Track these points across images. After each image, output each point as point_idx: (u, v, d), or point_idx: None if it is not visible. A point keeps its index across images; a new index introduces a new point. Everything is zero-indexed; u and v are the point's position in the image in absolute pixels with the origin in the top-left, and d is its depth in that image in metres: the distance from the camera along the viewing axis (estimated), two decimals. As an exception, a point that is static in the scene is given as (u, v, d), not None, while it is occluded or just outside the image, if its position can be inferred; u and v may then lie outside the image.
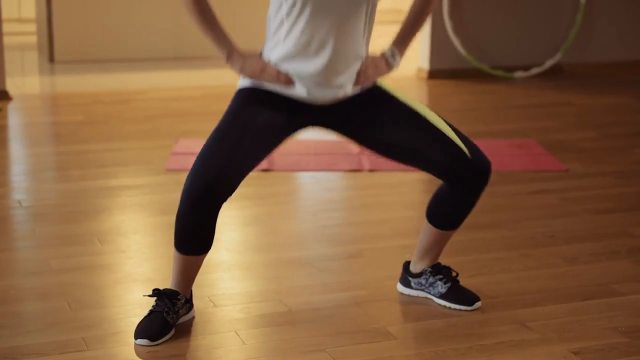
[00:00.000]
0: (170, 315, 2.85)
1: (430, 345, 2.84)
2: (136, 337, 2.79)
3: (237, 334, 2.90)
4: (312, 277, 3.35)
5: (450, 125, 2.91)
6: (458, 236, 3.76)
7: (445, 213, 3.02)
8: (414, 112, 2.89)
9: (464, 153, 2.87)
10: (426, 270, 3.15)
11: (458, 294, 3.10)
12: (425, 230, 3.10)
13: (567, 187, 4.44)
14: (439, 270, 3.15)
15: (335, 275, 3.37)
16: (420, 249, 3.15)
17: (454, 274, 3.19)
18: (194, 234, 2.80)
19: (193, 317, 2.99)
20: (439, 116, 2.93)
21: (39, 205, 4.14)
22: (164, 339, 2.81)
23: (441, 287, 3.12)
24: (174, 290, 2.89)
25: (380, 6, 10.28)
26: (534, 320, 3.00)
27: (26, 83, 6.89)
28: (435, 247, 3.12)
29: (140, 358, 2.73)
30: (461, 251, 3.60)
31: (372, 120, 2.88)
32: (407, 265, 3.21)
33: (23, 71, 7.46)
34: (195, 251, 2.85)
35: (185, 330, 2.91)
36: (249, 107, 2.81)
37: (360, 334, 2.91)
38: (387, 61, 2.92)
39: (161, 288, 2.95)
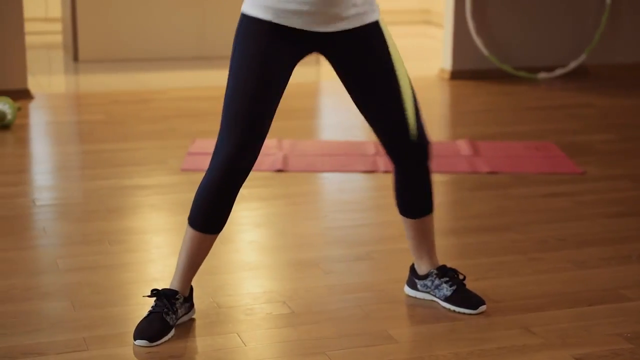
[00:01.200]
0: (169, 316, 2.85)
1: (431, 349, 2.83)
2: (135, 338, 2.80)
3: (238, 335, 2.90)
4: (318, 279, 3.34)
5: (413, 96, 2.90)
6: (466, 239, 3.75)
7: (407, 200, 3.04)
8: (393, 73, 2.85)
9: (407, 127, 2.88)
10: (432, 272, 3.13)
11: (463, 297, 3.08)
12: (404, 225, 3.12)
13: (581, 190, 4.39)
14: (444, 273, 3.13)
15: (340, 278, 3.36)
16: (411, 247, 3.16)
17: (460, 277, 3.17)
18: (215, 207, 2.82)
19: (194, 318, 2.99)
20: (410, 84, 2.90)
21: (51, 204, 4.16)
22: (163, 339, 2.81)
23: (446, 290, 3.10)
24: (173, 290, 2.90)
25: (405, 6, 10.26)
26: (539, 325, 2.97)
27: (49, 82, 6.93)
28: (422, 240, 3.11)
29: (141, 359, 2.74)
30: (469, 254, 3.58)
31: (356, 66, 2.85)
32: (413, 266, 3.20)
33: (48, 70, 7.51)
34: (211, 227, 2.85)
35: (186, 331, 2.91)
36: (258, 48, 2.75)
37: (361, 337, 2.90)
38: None
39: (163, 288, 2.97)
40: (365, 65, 2.84)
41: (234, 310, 3.07)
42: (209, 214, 2.84)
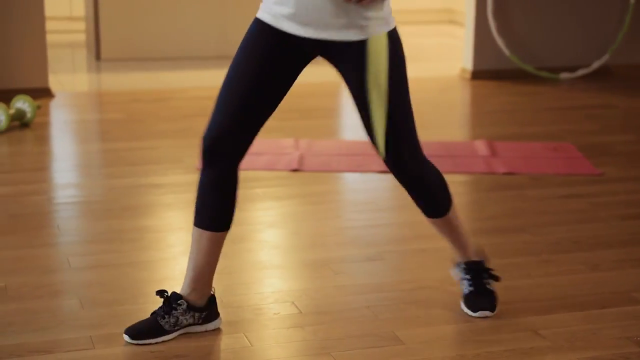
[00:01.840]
0: (164, 320, 2.83)
1: (437, 351, 2.81)
2: (124, 331, 2.83)
3: (245, 335, 2.90)
4: (327, 279, 3.33)
5: (395, 112, 2.78)
6: (480, 240, 3.71)
7: (417, 203, 3.03)
8: (365, 95, 2.76)
9: (378, 145, 2.82)
10: (461, 264, 3.10)
11: (474, 298, 3.06)
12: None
13: (598, 191, 4.36)
14: (469, 270, 3.08)
15: (350, 278, 3.35)
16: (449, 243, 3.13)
17: (488, 282, 3.08)
18: (207, 201, 2.78)
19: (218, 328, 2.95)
20: (388, 105, 2.77)
21: (67, 202, 4.18)
22: (148, 341, 2.81)
23: (465, 288, 3.07)
24: (177, 295, 2.87)
25: (429, 5, 10.23)
26: (547, 328, 2.95)
27: (71, 80, 6.96)
28: (449, 238, 3.06)
29: (144, 358, 2.74)
30: (481, 256, 3.56)
31: (343, 77, 2.82)
32: None
33: (70, 69, 7.55)
34: (208, 224, 2.81)
35: (194, 331, 2.91)
36: (256, 46, 2.74)
37: (368, 338, 2.89)
38: None
39: (176, 289, 2.96)
40: (346, 79, 2.80)
41: (242, 310, 3.07)
42: (203, 208, 2.81)
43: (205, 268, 2.87)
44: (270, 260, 3.54)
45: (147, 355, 2.75)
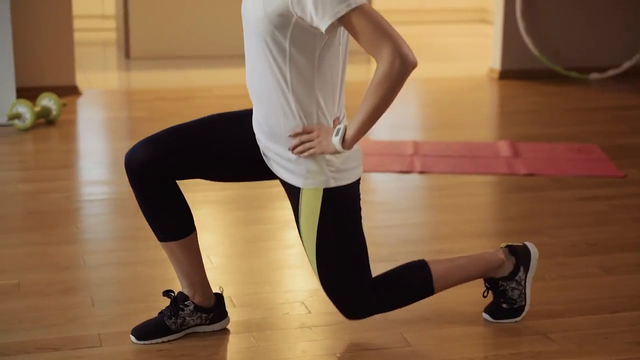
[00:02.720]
0: (171, 320, 2.83)
1: (444, 353, 2.80)
2: (131, 331, 2.83)
3: (251, 335, 2.90)
4: (339, 279, 3.32)
5: (325, 262, 2.72)
6: (496, 242, 3.70)
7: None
8: (299, 233, 2.76)
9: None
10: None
11: (489, 305, 3.02)
12: None
13: (619, 194, 4.31)
14: (489, 286, 2.99)
15: (362, 279, 3.33)
16: None
17: (504, 304, 2.99)
18: (148, 214, 2.73)
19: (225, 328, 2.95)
20: (318, 252, 2.71)
21: (85, 200, 4.21)
22: (153, 340, 2.81)
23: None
24: (184, 295, 2.86)
25: (461, 4, 10.17)
26: (557, 332, 2.92)
27: (99, 78, 7.01)
28: (463, 282, 2.96)
29: (151, 356, 2.75)
30: (495, 258, 3.53)
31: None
32: None
33: (100, 67, 7.60)
34: (167, 235, 2.75)
35: (201, 331, 2.92)
36: (240, 125, 2.74)
37: (375, 339, 2.88)
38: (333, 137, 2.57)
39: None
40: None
41: (252, 310, 3.07)
42: (151, 223, 2.76)
43: (192, 272, 2.84)
44: (284, 259, 3.54)
45: (153, 353, 2.76)
